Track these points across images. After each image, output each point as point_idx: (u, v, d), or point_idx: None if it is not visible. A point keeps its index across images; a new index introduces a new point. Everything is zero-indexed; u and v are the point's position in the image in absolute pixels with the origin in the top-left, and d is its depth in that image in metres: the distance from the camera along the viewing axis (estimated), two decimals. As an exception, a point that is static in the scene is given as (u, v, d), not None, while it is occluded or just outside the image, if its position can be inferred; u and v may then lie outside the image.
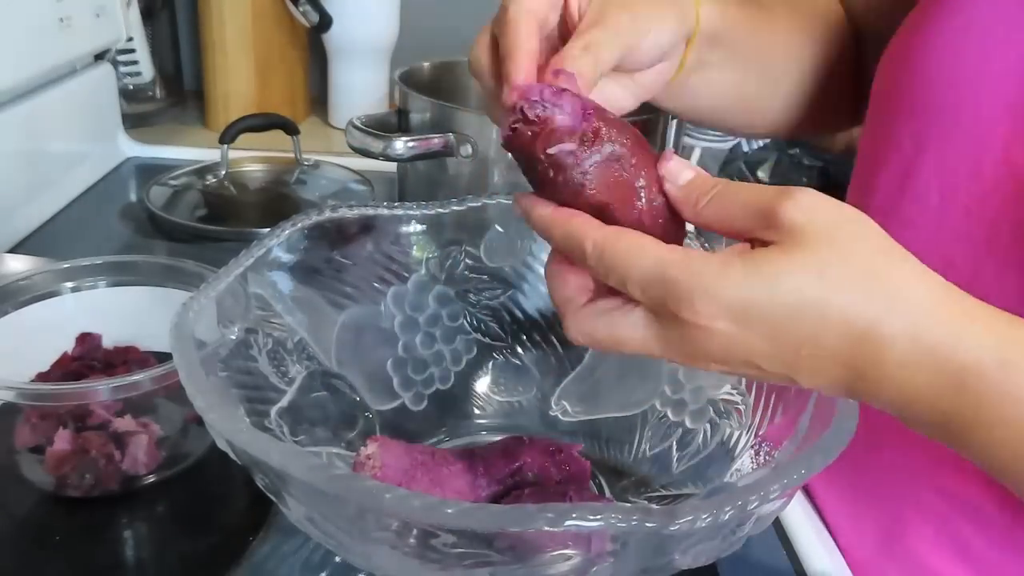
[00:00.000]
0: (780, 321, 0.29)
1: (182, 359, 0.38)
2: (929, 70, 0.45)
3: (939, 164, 0.45)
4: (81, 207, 0.93)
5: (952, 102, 0.44)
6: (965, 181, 0.43)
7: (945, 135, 0.44)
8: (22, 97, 0.83)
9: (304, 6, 1.16)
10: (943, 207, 0.45)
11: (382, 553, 0.35)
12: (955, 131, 0.44)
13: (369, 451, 0.45)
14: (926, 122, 0.45)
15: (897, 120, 0.47)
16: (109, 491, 0.51)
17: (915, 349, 0.29)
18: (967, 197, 0.43)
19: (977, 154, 0.43)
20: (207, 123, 1.24)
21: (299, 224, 0.50)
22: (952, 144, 0.44)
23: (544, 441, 0.48)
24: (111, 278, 0.60)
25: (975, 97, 0.43)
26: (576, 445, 0.49)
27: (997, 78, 0.42)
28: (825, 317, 0.29)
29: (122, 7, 1.00)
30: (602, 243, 0.32)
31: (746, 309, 0.29)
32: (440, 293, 0.57)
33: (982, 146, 0.42)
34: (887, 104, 0.49)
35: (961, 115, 0.43)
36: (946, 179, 0.45)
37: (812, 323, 0.29)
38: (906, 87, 0.47)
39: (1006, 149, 0.41)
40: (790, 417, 0.44)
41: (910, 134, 0.46)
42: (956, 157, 0.44)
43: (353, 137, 0.74)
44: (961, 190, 0.44)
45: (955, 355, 0.29)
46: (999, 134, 0.42)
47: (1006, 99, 0.41)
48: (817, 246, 0.29)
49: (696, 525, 0.30)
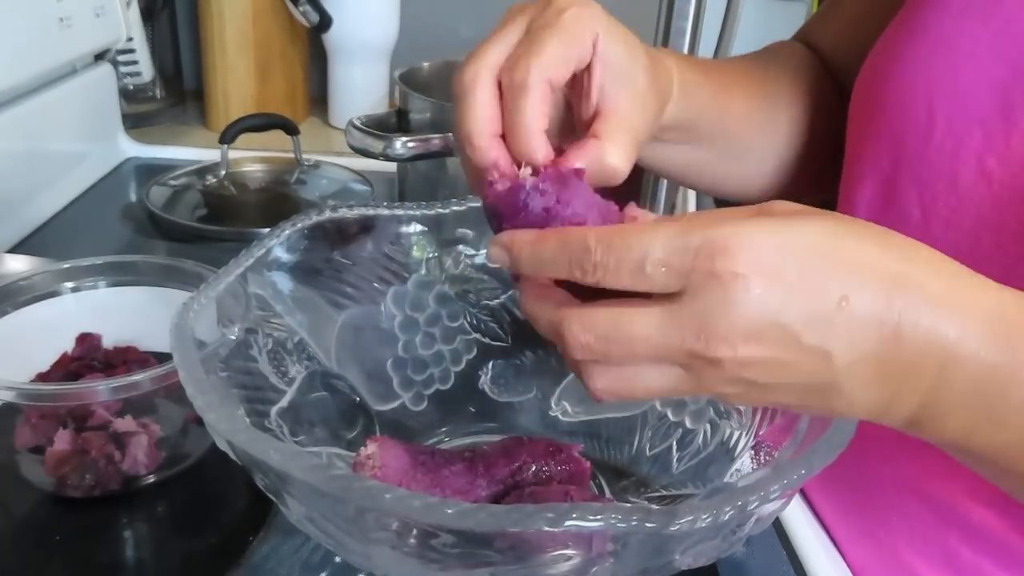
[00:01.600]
0: (817, 265, 0.28)
1: (182, 359, 0.38)
2: (900, 90, 0.46)
3: (917, 179, 0.46)
4: (81, 207, 0.93)
5: (924, 119, 0.45)
6: (943, 194, 0.44)
7: (920, 151, 0.45)
8: (22, 97, 0.83)
9: (304, 6, 1.16)
10: (925, 222, 0.45)
11: (382, 553, 0.35)
12: (929, 146, 0.45)
13: (369, 451, 0.44)
14: (901, 140, 0.46)
15: (874, 140, 0.48)
16: (109, 491, 0.51)
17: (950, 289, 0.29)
18: (946, 209, 0.44)
19: (952, 167, 0.44)
20: (207, 123, 1.24)
21: (299, 224, 0.50)
22: (928, 158, 0.45)
23: (544, 441, 0.48)
24: (111, 278, 0.60)
25: (946, 112, 0.44)
26: (576, 445, 0.49)
27: (966, 92, 0.43)
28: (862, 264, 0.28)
29: (122, 7, 1.00)
30: (607, 235, 0.30)
31: (783, 252, 0.28)
32: (440, 293, 0.56)
33: (956, 159, 0.43)
34: (863, 126, 0.50)
35: (934, 130, 0.44)
36: (924, 193, 0.45)
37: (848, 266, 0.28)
38: (879, 108, 0.47)
39: (979, 160, 0.42)
40: (790, 418, 0.44)
41: (887, 152, 0.47)
42: (932, 171, 0.45)
43: (353, 137, 0.74)
44: (940, 202, 0.45)
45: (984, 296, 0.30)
46: (972, 146, 0.43)
47: (977, 112, 0.42)
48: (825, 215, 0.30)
49: (696, 525, 0.30)
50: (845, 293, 0.28)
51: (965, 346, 0.29)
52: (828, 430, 0.36)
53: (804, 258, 0.28)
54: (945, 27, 0.45)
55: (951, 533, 0.47)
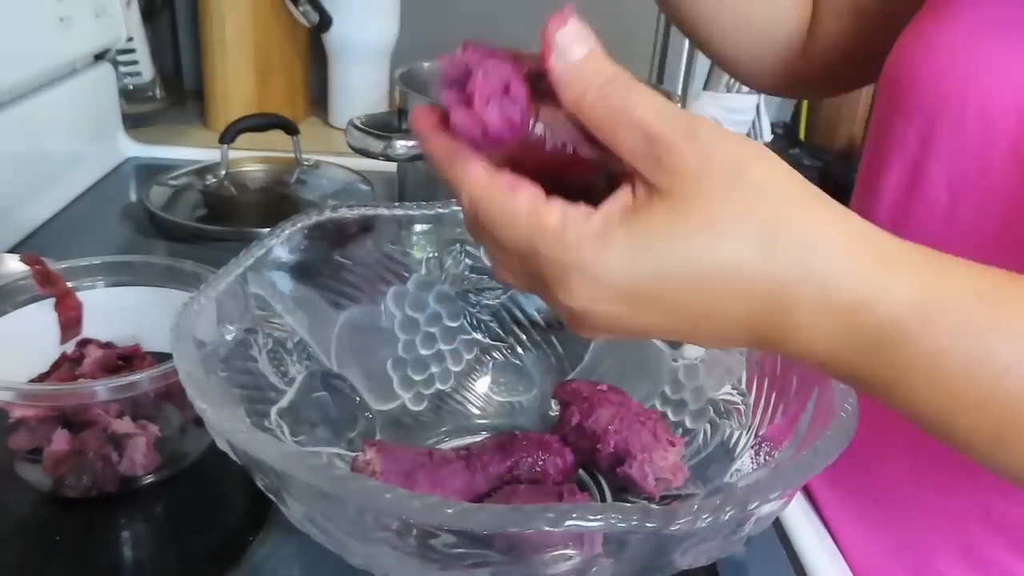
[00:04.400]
0: (673, 296, 0.27)
1: (182, 359, 0.38)
2: (934, 72, 0.45)
3: (947, 162, 0.45)
4: (81, 207, 0.93)
5: (959, 100, 0.44)
6: (974, 178, 0.43)
7: (953, 133, 0.44)
8: (22, 97, 0.83)
9: (304, 6, 1.16)
10: (953, 205, 0.45)
11: (382, 553, 0.35)
12: (962, 129, 0.44)
13: (368, 456, 0.44)
14: (933, 121, 0.45)
15: (903, 120, 0.47)
16: (107, 492, 0.51)
17: (827, 310, 0.26)
18: (976, 194, 0.43)
19: (985, 151, 0.43)
20: (207, 123, 1.24)
21: (299, 224, 0.50)
22: (960, 142, 0.44)
23: (535, 434, 0.49)
24: (111, 278, 0.60)
25: (982, 94, 0.43)
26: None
27: (1004, 74, 0.42)
28: (724, 285, 0.26)
29: (122, 7, 1.00)
30: (477, 199, 0.28)
31: (632, 287, 0.27)
32: (440, 293, 0.57)
33: (990, 142, 0.42)
34: (893, 105, 0.49)
35: (968, 112, 0.43)
36: (954, 177, 0.44)
37: (710, 293, 0.27)
38: (911, 90, 0.46)
39: (1014, 144, 0.41)
40: (790, 417, 0.44)
41: (916, 134, 0.46)
42: (964, 155, 0.44)
43: (353, 137, 0.74)
44: (970, 187, 0.44)
45: (872, 314, 0.26)
46: (1007, 129, 0.42)
47: (1013, 95, 0.42)
48: (712, 198, 0.26)
49: (696, 525, 0.30)
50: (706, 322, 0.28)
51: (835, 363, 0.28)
52: (829, 429, 0.36)
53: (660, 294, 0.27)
54: (981, 10, 0.44)
55: (971, 524, 0.46)
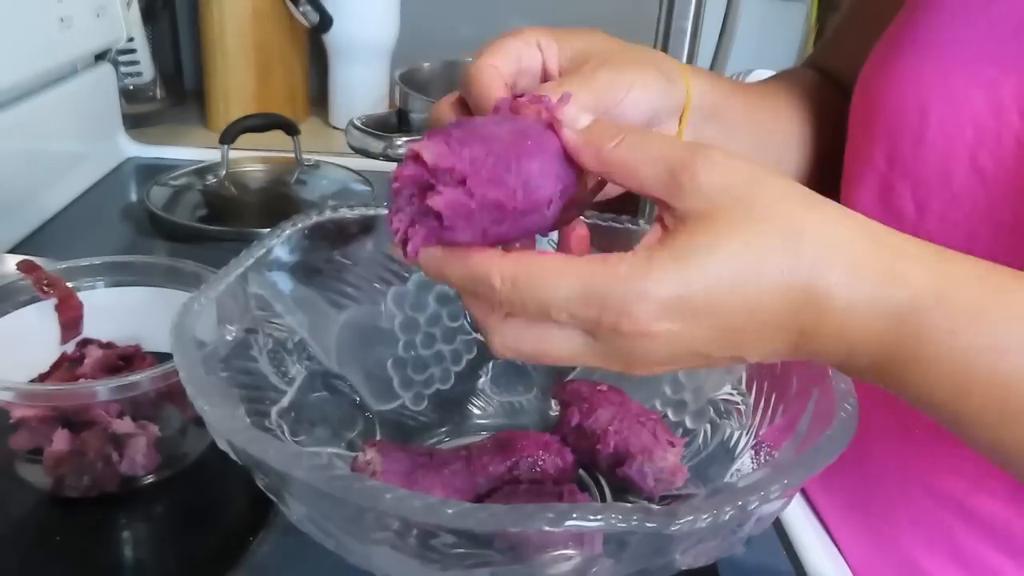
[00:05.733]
0: (721, 305, 0.29)
1: (182, 359, 0.38)
2: (894, 93, 0.47)
3: (911, 177, 0.47)
4: (81, 207, 0.93)
5: (917, 119, 0.46)
6: (937, 190, 0.46)
7: (914, 150, 0.46)
8: (22, 97, 0.83)
9: (304, 6, 1.16)
10: (920, 219, 0.47)
11: (382, 553, 0.35)
12: (922, 146, 0.46)
13: (368, 456, 0.44)
14: (896, 141, 0.47)
15: (870, 142, 0.49)
16: (108, 492, 0.51)
17: (854, 295, 0.29)
18: (940, 205, 0.46)
19: (945, 164, 0.45)
20: (207, 123, 1.24)
21: (299, 224, 0.50)
22: (921, 158, 0.46)
23: (535, 434, 0.49)
24: (111, 278, 0.60)
25: (939, 112, 0.45)
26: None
27: (957, 93, 0.44)
28: (761, 288, 0.29)
29: (122, 7, 1.00)
30: (512, 272, 0.29)
31: (687, 301, 0.28)
32: (440, 293, 0.56)
33: (949, 156, 0.45)
34: (861, 129, 0.51)
35: (927, 130, 0.45)
36: (919, 191, 0.47)
37: (752, 298, 0.29)
38: (875, 111, 0.49)
39: (972, 157, 0.44)
40: (790, 417, 0.44)
41: (883, 153, 0.48)
42: (926, 169, 0.46)
43: (353, 137, 0.74)
44: (934, 199, 0.46)
45: (892, 294, 0.29)
46: (964, 143, 0.44)
47: (968, 111, 0.44)
48: (736, 214, 0.29)
49: (696, 525, 0.30)
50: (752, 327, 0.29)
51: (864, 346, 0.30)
52: (829, 429, 0.36)
53: (710, 304, 0.28)
54: (936, 31, 0.46)
55: (957, 524, 0.47)
